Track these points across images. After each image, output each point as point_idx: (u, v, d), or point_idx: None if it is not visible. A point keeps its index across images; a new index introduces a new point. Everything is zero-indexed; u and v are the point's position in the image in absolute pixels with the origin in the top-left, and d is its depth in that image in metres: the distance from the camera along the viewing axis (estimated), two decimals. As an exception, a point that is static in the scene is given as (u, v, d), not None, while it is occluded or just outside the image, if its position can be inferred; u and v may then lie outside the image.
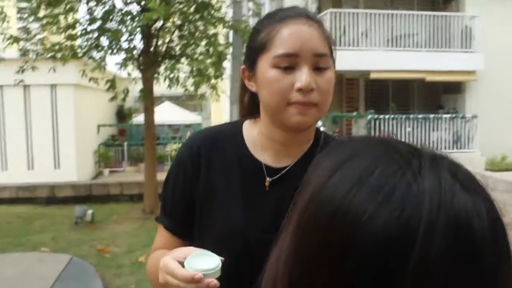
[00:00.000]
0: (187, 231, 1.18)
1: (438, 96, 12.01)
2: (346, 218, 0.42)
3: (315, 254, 0.45)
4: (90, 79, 8.17)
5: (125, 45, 7.80)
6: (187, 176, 1.18)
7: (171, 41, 8.21)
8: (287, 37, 1.06)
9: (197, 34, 7.96)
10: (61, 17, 7.87)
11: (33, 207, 9.03)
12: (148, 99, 8.07)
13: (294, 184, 0.96)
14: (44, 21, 7.84)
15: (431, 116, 10.58)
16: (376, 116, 10.50)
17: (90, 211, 7.69)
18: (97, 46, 7.97)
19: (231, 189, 1.16)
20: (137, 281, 5.22)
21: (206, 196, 1.17)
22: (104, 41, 7.84)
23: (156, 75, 7.84)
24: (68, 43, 8.22)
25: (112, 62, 8.40)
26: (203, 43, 8.13)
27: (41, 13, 7.96)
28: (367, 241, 0.41)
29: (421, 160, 0.45)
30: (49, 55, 8.06)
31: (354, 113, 11.47)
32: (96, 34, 7.82)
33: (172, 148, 12.33)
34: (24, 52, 8.26)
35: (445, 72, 10.41)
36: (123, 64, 7.68)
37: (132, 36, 7.73)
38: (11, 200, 9.23)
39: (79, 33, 8.14)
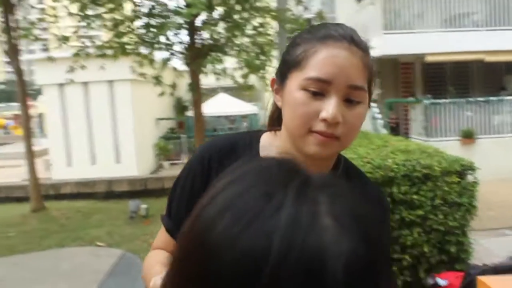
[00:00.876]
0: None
1: (500, 77, 11.38)
2: (204, 243, 0.42)
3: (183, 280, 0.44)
4: (140, 75, 8.31)
5: (171, 39, 7.87)
6: (195, 183, 1.16)
7: (216, 33, 8.20)
8: (323, 61, 0.98)
9: (242, 24, 7.90)
10: (107, 15, 8.03)
11: (92, 202, 9.33)
12: (196, 93, 8.11)
13: None
14: (92, 20, 8.02)
15: (493, 98, 10.03)
16: (433, 101, 10.08)
17: (144, 206, 7.85)
18: (144, 42, 8.08)
19: None
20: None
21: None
22: (151, 37, 7.92)
23: (202, 68, 7.86)
24: (117, 40, 8.40)
25: (161, 57, 8.37)
26: (249, 33, 8.07)
27: (90, 11, 8.15)
28: (219, 267, 0.40)
29: (288, 191, 0.41)
30: (100, 53, 8.27)
31: (410, 98, 11.07)
32: (142, 31, 7.94)
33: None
34: (78, 51, 8.51)
35: (507, 51, 9.82)
36: (166, 60, 7.76)
37: (177, 31, 7.78)
38: (72, 195, 9.59)
39: (126, 30, 8.28)
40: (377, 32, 9.84)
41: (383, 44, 9.42)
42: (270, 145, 1.15)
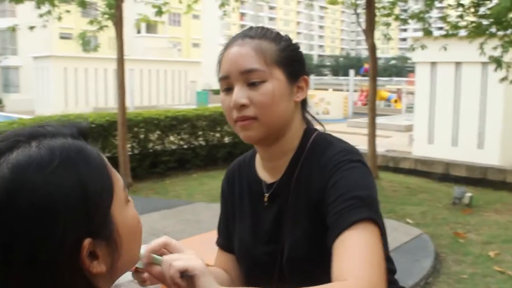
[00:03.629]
0: (231, 246, 1.37)
1: None
2: None
3: None
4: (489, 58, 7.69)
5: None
6: (225, 200, 1.39)
7: None
8: (222, 62, 1.19)
9: None
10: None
11: (426, 180, 9.33)
12: None
13: (284, 197, 1.23)
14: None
15: None
16: None
17: (468, 194, 7.44)
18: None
19: (243, 207, 1.32)
20: (473, 273, 4.88)
21: (232, 213, 1.36)
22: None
23: None
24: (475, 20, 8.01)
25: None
26: None
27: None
28: None
29: None
30: (451, 33, 8.06)
31: None
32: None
33: None
34: (425, 32, 8.51)
35: None
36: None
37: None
38: (410, 171, 9.79)
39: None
40: None
41: None
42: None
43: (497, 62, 7.29)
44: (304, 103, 1.26)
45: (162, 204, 7.00)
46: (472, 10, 8.12)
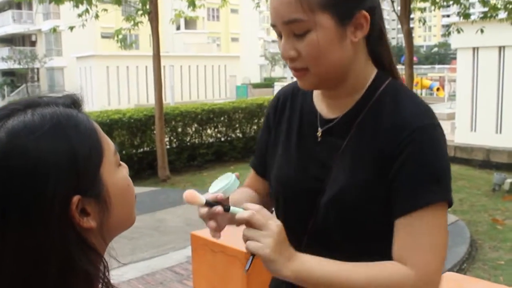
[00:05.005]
0: (265, 170, 1.34)
1: None
2: None
3: None
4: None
5: None
6: (268, 122, 1.34)
7: None
8: (270, 8, 1.10)
9: None
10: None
11: (466, 168, 9.15)
12: None
13: (341, 136, 1.15)
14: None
15: None
16: None
17: (509, 180, 7.27)
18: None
19: (290, 137, 1.24)
20: (510, 260, 4.80)
21: (274, 139, 1.29)
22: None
23: None
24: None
25: None
26: None
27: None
28: None
29: None
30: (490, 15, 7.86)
31: None
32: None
33: None
34: (464, 15, 8.31)
35: None
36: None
37: None
38: (451, 158, 9.57)
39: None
40: None
41: None
42: None
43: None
44: (370, 39, 1.12)
45: (199, 195, 7.14)
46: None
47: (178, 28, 40.33)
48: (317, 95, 1.23)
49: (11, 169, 0.73)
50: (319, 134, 1.18)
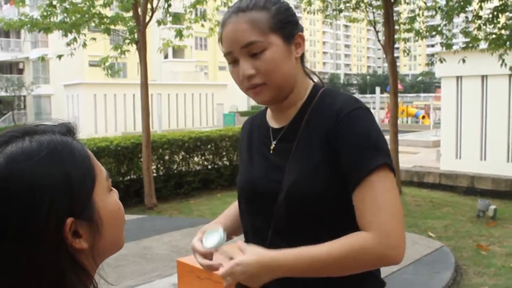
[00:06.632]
0: None
1: None
2: None
3: None
4: (510, 69, 7.68)
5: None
6: (240, 147, 1.57)
7: None
8: (223, 40, 1.30)
9: None
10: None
11: (451, 194, 9.25)
12: None
13: (290, 140, 1.34)
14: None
15: None
16: None
17: (493, 207, 7.36)
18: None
19: (251, 149, 1.45)
20: (494, 285, 4.84)
21: (241, 155, 1.52)
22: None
23: None
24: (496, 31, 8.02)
25: None
26: None
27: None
28: None
29: None
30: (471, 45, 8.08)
31: None
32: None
33: None
34: (446, 46, 8.53)
35: None
36: None
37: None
38: (435, 185, 9.73)
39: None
40: None
41: None
42: None
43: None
44: (302, 58, 1.36)
45: (186, 223, 7.13)
46: (491, 21, 8.11)
47: (166, 56, 40.65)
48: (268, 113, 1.45)
49: (10, 192, 0.78)
50: (272, 144, 1.36)
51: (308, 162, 1.26)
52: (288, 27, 1.28)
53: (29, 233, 0.78)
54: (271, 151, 1.36)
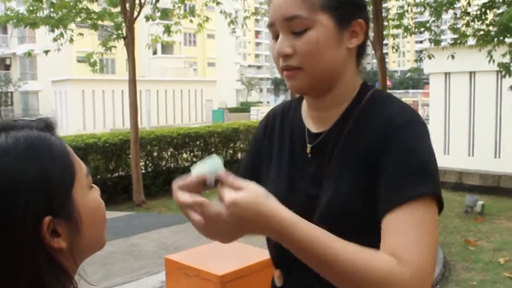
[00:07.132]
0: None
1: None
2: None
3: None
4: (498, 65, 7.70)
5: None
6: (257, 146, 1.32)
7: None
8: (269, 8, 1.11)
9: None
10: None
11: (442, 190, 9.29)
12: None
13: (331, 148, 1.14)
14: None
15: None
16: None
17: (480, 202, 7.41)
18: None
19: (282, 155, 1.23)
20: (482, 280, 4.87)
21: (266, 156, 1.28)
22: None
23: None
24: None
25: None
26: None
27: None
28: None
29: None
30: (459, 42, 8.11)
31: None
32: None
33: None
34: (434, 42, 8.56)
35: None
36: None
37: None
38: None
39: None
40: None
41: None
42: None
43: (506, 69, 7.30)
44: (360, 51, 1.16)
45: (174, 220, 7.10)
46: (479, 18, 8.14)
47: (154, 52, 40.46)
48: (305, 110, 1.23)
49: None
50: (308, 150, 1.17)
51: (345, 177, 1.09)
52: (344, 9, 1.07)
53: (4, 231, 0.75)
54: (307, 159, 1.18)
